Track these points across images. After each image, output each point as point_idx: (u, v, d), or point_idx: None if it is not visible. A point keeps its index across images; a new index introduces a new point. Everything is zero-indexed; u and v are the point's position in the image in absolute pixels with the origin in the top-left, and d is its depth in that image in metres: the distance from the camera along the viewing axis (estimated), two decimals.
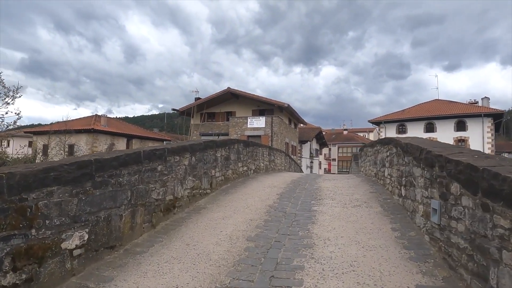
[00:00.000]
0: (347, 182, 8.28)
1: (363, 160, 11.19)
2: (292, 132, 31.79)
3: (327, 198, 6.19)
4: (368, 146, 9.67)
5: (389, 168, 6.39)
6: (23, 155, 27.61)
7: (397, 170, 5.62)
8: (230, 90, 28.18)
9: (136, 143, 35.18)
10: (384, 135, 40.28)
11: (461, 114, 36.10)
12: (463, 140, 36.05)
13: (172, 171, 4.88)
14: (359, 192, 6.68)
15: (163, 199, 4.62)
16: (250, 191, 6.86)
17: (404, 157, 5.03)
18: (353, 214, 5.01)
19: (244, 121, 27.14)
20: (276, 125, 26.29)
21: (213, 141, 6.60)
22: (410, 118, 38.72)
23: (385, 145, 6.80)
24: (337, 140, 54.74)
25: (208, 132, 30.19)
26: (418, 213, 4.23)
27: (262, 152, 11.08)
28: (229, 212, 5.20)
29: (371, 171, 8.87)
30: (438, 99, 42.75)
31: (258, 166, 10.60)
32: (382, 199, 5.87)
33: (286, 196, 6.44)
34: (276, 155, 13.72)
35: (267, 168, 11.85)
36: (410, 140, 5.07)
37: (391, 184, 6.11)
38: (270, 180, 8.83)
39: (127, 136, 34.41)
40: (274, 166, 13.28)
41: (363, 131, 68.26)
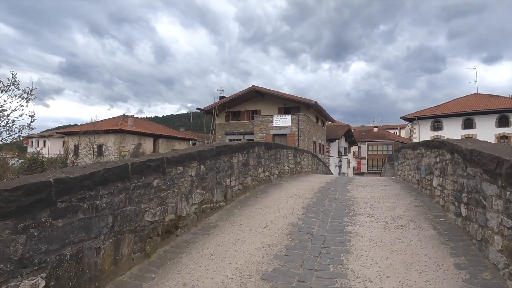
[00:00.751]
0: (384, 191, 7.11)
1: (400, 163, 9.91)
2: (320, 130, 30.44)
3: (362, 213, 5.10)
4: (408, 148, 8.41)
5: (439, 178, 5.21)
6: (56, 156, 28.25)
7: (453, 182, 4.45)
8: (255, 88, 27.29)
9: (162, 142, 35.15)
10: (418, 132, 37.90)
11: (503, 109, 33.21)
12: (506, 137, 33.17)
13: (173, 185, 4.01)
14: (402, 205, 5.54)
15: (161, 220, 3.76)
16: (271, 203, 5.89)
17: (466, 167, 3.88)
18: (398, 239, 3.93)
19: (269, 119, 26.17)
20: (302, 123, 25.11)
21: (228, 146, 5.69)
22: (446, 114, 36.17)
23: (434, 149, 5.61)
24: (366, 137, 52.47)
25: (233, 131, 29.51)
26: (493, 246, 3.10)
27: (286, 154, 10.08)
28: (243, 234, 4.27)
29: (412, 177, 7.65)
30: (477, 93, 39.72)
31: (282, 170, 9.61)
32: (433, 217, 4.72)
33: (313, 210, 5.42)
34: (302, 156, 12.66)
35: (292, 171, 10.83)
36: (474, 145, 3.91)
37: (443, 198, 4.94)
38: (296, 187, 7.82)
39: (154, 136, 34.42)
40: (300, 169, 12.23)
41: (394, 128, 65.23)
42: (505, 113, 33.19)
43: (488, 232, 3.24)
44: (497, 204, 3.06)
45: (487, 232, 3.26)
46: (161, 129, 37.41)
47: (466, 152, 3.83)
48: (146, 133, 33.47)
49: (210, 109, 29.16)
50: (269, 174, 8.15)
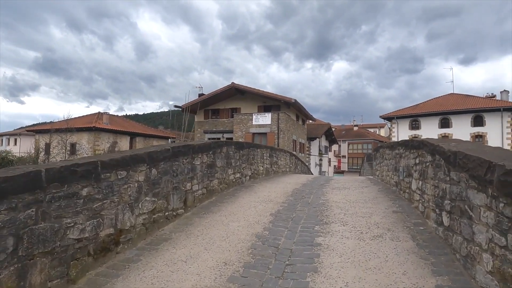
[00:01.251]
0: (361, 193, 6.65)
1: (378, 163, 9.53)
2: (300, 128, 30.10)
3: (336, 221, 4.59)
4: (386, 148, 8.01)
5: (419, 181, 4.76)
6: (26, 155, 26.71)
7: (434, 187, 3.99)
8: (234, 85, 26.62)
9: (139, 141, 34.00)
10: (397, 131, 38.23)
11: (478, 109, 33.89)
12: (480, 136, 33.86)
13: (112, 193, 3.36)
14: (379, 211, 5.07)
15: (94, 237, 3.11)
16: (237, 209, 5.30)
17: (449, 171, 3.41)
18: (373, 253, 3.42)
19: (249, 117, 25.59)
20: (282, 121, 24.66)
21: (189, 146, 5.06)
22: (424, 113, 36.62)
23: (413, 150, 5.16)
24: (347, 136, 52.72)
25: (212, 130, 28.78)
26: (481, 266, 2.63)
27: (261, 154, 9.52)
28: (198, 248, 3.67)
29: (390, 178, 7.24)
30: (453, 93, 40.45)
31: (256, 171, 9.05)
32: (412, 225, 4.25)
33: (283, 217, 4.87)
34: (279, 156, 12.15)
35: (267, 171, 10.29)
36: (458, 146, 3.44)
37: (423, 203, 4.49)
38: (268, 189, 7.26)
39: (130, 134, 33.23)
40: (277, 169, 11.71)
41: (374, 127, 65.96)
42: (479, 113, 33.85)
43: (475, 248, 2.77)
44: (486, 217, 2.59)
45: (474, 248, 2.79)
46: (138, 127, 36.21)
47: (450, 154, 3.36)
48: (122, 131, 32.25)
49: (188, 106, 28.30)
50: (240, 175, 7.57)
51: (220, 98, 28.37)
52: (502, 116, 32.74)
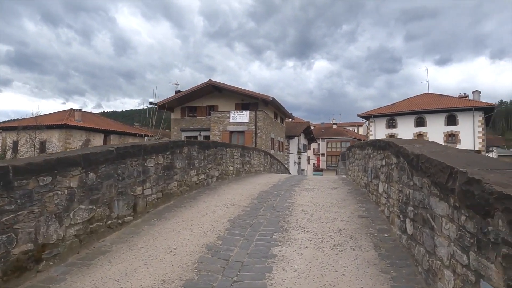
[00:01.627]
0: (329, 195, 6.37)
1: (350, 163, 9.32)
2: (279, 127, 29.88)
3: (297, 227, 4.26)
4: (357, 147, 7.78)
5: (385, 184, 4.50)
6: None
7: (398, 191, 3.72)
8: (211, 82, 26.07)
9: (114, 139, 32.88)
10: (374, 129, 38.69)
11: (451, 108, 34.76)
12: (453, 134, 34.74)
13: (30, 202, 2.88)
14: (344, 215, 4.77)
15: (4, 255, 2.63)
16: (193, 215, 4.88)
17: (412, 175, 3.13)
18: (331, 266, 3.10)
19: (226, 115, 25.12)
20: (260, 119, 24.34)
21: (139, 146, 4.60)
22: (400, 112, 37.22)
23: (380, 150, 4.90)
24: (326, 134, 53.05)
25: (189, 128, 28.16)
26: (443, 283, 2.34)
27: (231, 153, 9.12)
28: (137, 263, 3.24)
29: (360, 179, 7.01)
30: (428, 92, 41.32)
31: (225, 171, 8.64)
32: (377, 232, 3.97)
33: (241, 223, 4.49)
34: (252, 155, 11.78)
35: (238, 172, 9.90)
36: (423, 148, 3.16)
37: (389, 208, 4.22)
38: (234, 191, 6.88)
39: (105, 132, 32.08)
40: (249, 168, 11.34)
41: (352, 126, 66.78)
42: (453, 112, 34.69)
43: (437, 262, 2.48)
44: (448, 229, 2.29)
45: (436, 262, 2.50)
46: (113, 125, 35.01)
47: (412, 157, 3.07)
48: (96, 128, 31.07)
49: (164, 103, 27.53)
50: (205, 177, 7.15)
51: (197, 95, 27.75)
52: (474, 116, 33.63)
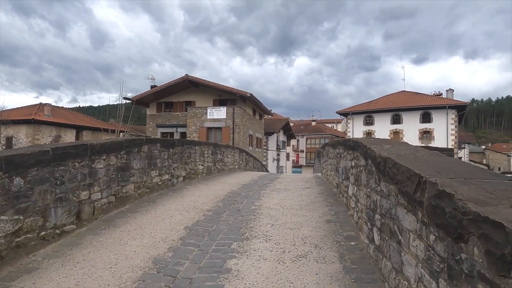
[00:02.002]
0: (300, 197, 6.04)
1: (324, 161, 9.06)
2: (257, 123, 29.52)
3: (259, 235, 3.88)
4: (330, 146, 7.50)
5: (354, 186, 4.20)
6: None
7: (366, 196, 3.41)
8: (188, 77, 25.36)
9: (87, 135, 31.55)
10: (352, 126, 39.03)
11: (426, 106, 35.45)
12: (428, 131, 35.48)
13: None
14: (311, 220, 4.44)
15: None
16: (148, 221, 4.42)
17: (380, 180, 2.82)
18: (290, 283, 2.74)
19: (203, 111, 24.51)
20: (238, 116, 23.88)
21: (85, 146, 4.09)
22: (377, 110, 37.67)
23: (349, 150, 4.60)
24: (305, 131, 53.21)
25: (165, 123, 27.37)
26: None
27: (200, 151, 8.66)
28: (67, 283, 2.75)
29: (332, 178, 6.73)
30: (404, 90, 42.02)
31: (194, 170, 8.19)
32: (344, 240, 3.65)
33: (199, 230, 4.07)
34: (225, 152, 11.35)
35: (209, 171, 9.46)
36: (391, 149, 2.84)
37: (357, 213, 3.92)
38: (200, 192, 6.44)
39: (77, 128, 30.73)
40: (223, 167, 10.91)
41: (331, 122, 67.36)
42: (427, 110, 35.39)
43: (404, 282, 2.15)
44: (416, 246, 1.97)
45: (403, 282, 2.18)
46: (85, 120, 33.63)
47: (380, 160, 2.75)
48: (68, 124, 29.72)
49: (139, 98, 26.61)
50: (169, 177, 6.67)
51: (173, 90, 26.97)
52: (448, 113, 34.42)
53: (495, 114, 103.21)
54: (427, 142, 35.24)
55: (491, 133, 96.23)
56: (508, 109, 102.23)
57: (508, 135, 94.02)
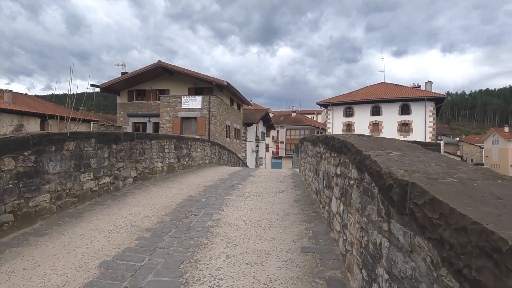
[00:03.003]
0: (271, 206, 4.84)
1: (303, 158, 7.91)
2: (235, 113, 28.15)
3: (204, 278, 2.66)
4: (309, 142, 6.33)
5: (340, 203, 3.04)
6: None
7: (360, 228, 2.25)
8: (161, 64, 23.58)
9: (53, 124, 29.11)
10: (332, 118, 38.30)
11: (405, 98, 35.10)
12: (407, 123, 35.22)
13: None
14: (282, 247, 3.25)
15: None
16: (53, 252, 3.07)
17: (390, 215, 1.66)
18: None
19: (177, 100, 22.89)
20: (214, 105, 22.43)
21: None
22: (357, 101, 37.03)
23: (334, 152, 3.42)
24: (285, 122, 52.22)
25: (137, 113, 25.59)
26: None
27: (159, 146, 7.32)
28: None
29: (311, 181, 5.60)
30: (384, 82, 41.60)
31: (150, 169, 6.86)
32: (325, 285, 2.50)
33: (120, 269, 2.79)
34: (193, 146, 10.04)
35: (172, 168, 8.14)
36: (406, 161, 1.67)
37: (345, 244, 2.76)
38: (147, 200, 5.12)
39: (42, 116, 28.38)
40: (189, 162, 9.61)
41: (311, 113, 66.73)
42: (406, 102, 35.05)
43: None
44: None
45: None
46: (52, 108, 31.08)
47: (394, 185, 1.57)
48: (32, 112, 27.36)
49: (108, 85, 24.67)
50: (112, 180, 5.33)
51: (146, 77, 25.13)
52: (426, 106, 34.19)
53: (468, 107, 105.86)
54: (405, 134, 35.03)
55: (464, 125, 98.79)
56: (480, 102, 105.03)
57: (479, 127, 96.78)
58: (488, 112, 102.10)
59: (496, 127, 65.34)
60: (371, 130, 36.54)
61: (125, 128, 25.74)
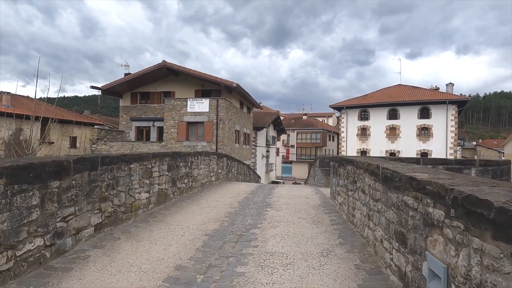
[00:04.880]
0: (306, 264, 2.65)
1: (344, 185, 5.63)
2: (245, 117, 25.96)
3: None
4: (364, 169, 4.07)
5: None
6: None
7: None
8: (166, 64, 21.57)
9: (55, 128, 27.43)
10: (346, 121, 35.85)
11: (425, 101, 32.46)
12: (426, 128, 32.55)
13: None
14: None
15: None
16: None
17: None
18: None
19: (183, 103, 20.80)
20: (222, 109, 20.27)
21: None
22: (372, 104, 34.52)
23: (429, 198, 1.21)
24: (296, 125, 49.82)
25: (141, 117, 23.62)
26: None
27: (143, 170, 5.14)
28: None
29: (369, 229, 3.34)
30: (401, 84, 38.99)
31: (128, 205, 4.67)
32: None
33: None
34: (196, 162, 7.86)
35: (164, 196, 5.96)
36: None
37: None
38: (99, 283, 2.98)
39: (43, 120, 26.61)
40: (191, 183, 7.43)
41: (322, 116, 64.20)
42: (426, 105, 32.46)
43: None
44: None
45: None
46: (54, 111, 29.28)
47: None
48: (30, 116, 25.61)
49: (109, 88, 22.75)
50: (48, 240, 3.14)
51: (150, 79, 23.16)
52: (448, 109, 31.54)
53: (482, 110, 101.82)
54: (425, 140, 32.41)
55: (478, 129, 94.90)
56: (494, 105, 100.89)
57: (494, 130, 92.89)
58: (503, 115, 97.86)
59: None
60: (387, 134, 34.00)
61: (128, 133, 23.79)
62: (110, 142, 21.55)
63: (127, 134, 23.68)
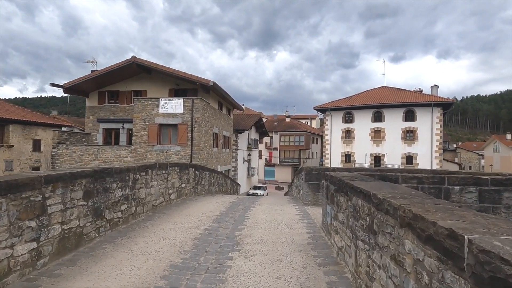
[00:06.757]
0: None
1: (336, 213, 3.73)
2: (224, 119, 23.90)
3: None
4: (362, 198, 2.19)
5: None
6: None
7: None
8: (135, 60, 19.25)
9: (15, 130, 24.56)
10: (330, 123, 34.30)
11: (410, 103, 31.28)
12: (411, 131, 31.38)
13: None
14: None
15: None
16: None
17: None
18: None
19: (154, 103, 18.54)
20: (198, 110, 18.14)
21: None
22: (357, 106, 33.12)
23: None
24: (279, 127, 48.04)
25: (109, 118, 21.16)
26: None
27: (20, 207, 3.08)
28: None
29: None
30: (385, 86, 37.86)
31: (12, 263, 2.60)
32: None
33: None
34: (145, 179, 5.80)
35: (78, 238, 3.88)
36: None
37: None
38: None
39: (2, 121, 23.75)
40: (135, 209, 5.37)
41: (305, 118, 62.78)
42: (411, 107, 31.33)
43: None
44: None
45: None
46: (15, 112, 26.48)
47: None
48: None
49: (72, 85, 20.22)
50: None
51: (120, 76, 20.78)
52: (433, 111, 30.48)
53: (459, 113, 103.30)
54: (410, 142, 31.24)
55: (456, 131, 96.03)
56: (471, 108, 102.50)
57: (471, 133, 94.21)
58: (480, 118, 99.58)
59: (496, 134, 62.13)
60: (372, 137, 32.66)
61: (95, 136, 21.31)
62: (73, 146, 19.03)
63: (93, 137, 21.20)
